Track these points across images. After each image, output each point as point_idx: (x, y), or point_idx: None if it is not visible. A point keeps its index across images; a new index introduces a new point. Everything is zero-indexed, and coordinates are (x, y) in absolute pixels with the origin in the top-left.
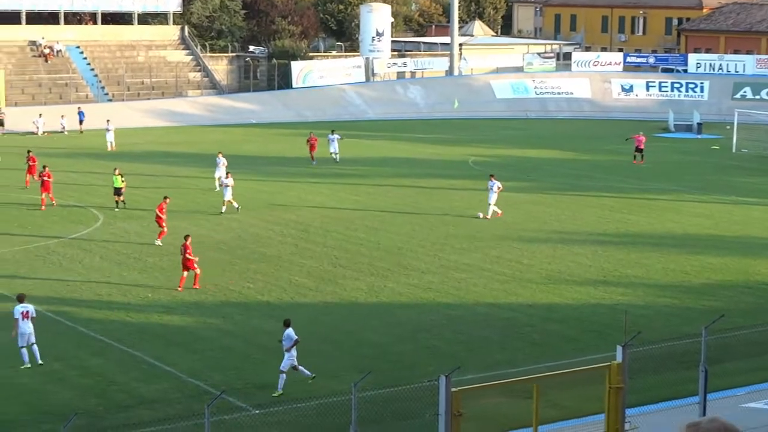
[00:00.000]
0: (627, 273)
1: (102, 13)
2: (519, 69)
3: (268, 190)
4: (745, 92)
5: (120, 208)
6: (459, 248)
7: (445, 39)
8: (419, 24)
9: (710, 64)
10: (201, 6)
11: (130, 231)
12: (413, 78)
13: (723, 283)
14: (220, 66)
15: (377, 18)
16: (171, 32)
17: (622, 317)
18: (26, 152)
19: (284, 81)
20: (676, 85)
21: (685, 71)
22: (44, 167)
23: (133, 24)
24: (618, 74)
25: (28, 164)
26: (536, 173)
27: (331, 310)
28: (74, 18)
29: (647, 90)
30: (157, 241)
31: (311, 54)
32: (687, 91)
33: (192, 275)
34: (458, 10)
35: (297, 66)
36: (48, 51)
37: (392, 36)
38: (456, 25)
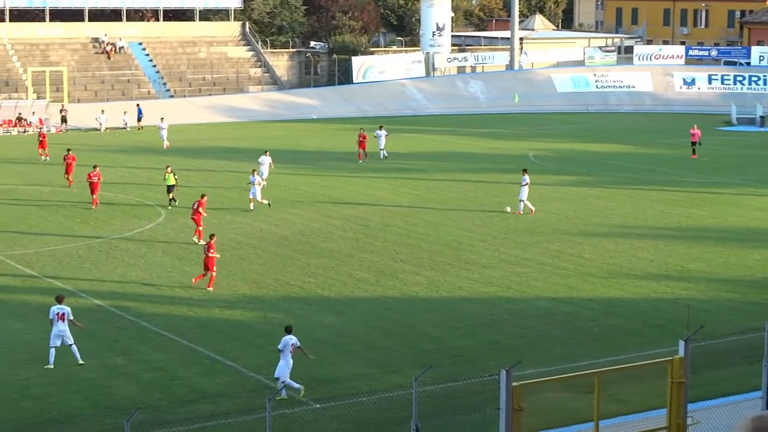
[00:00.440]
0: (689, 267)
1: (164, 10)
2: (580, 63)
3: (329, 185)
4: None
5: (172, 206)
6: (519, 243)
7: (506, 33)
8: (479, 18)
9: None
10: (262, 2)
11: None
12: (474, 72)
13: None
14: (281, 62)
15: (438, 13)
16: (232, 28)
17: (685, 312)
18: (66, 151)
19: (344, 76)
20: (739, 78)
21: (748, 64)
22: (94, 167)
23: (195, 20)
24: (680, 67)
25: (66, 163)
26: (597, 167)
27: (392, 305)
28: (136, 15)
29: (709, 83)
30: (200, 241)
31: (371, 49)
32: (750, 84)
33: (208, 276)
34: (519, 4)
35: (357, 61)
36: (110, 48)
37: (452, 31)
38: (516, 19)
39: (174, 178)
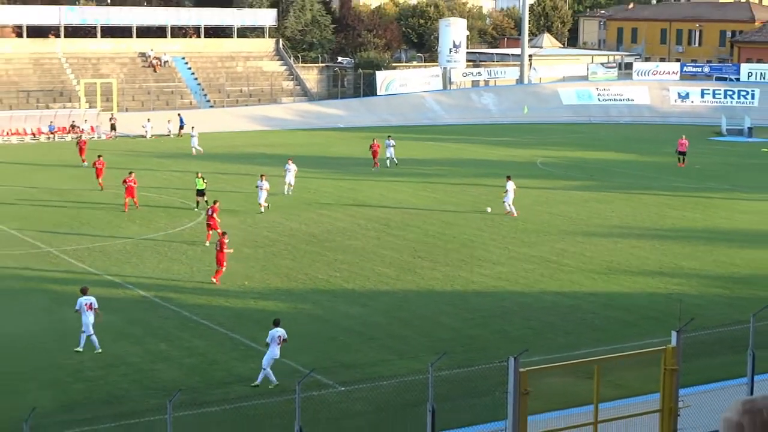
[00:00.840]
0: (682, 265)
1: (205, 27)
2: (584, 78)
3: (354, 188)
4: None
5: (200, 208)
6: (527, 241)
7: (516, 50)
8: (492, 36)
9: (761, 73)
10: (294, 21)
11: (228, 225)
12: (487, 86)
13: None
14: (311, 75)
15: (454, 31)
16: (267, 45)
17: (677, 305)
18: (97, 156)
19: (369, 89)
20: (729, 93)
21: (738, 80)
22: (130, 173)
23: (233, 37)
24: (675, 82)
25: (96, 168)
26: (599, 173)
27: (410, 297)
28: (180, 32)
29: (702, 97)
30: (207, 242)
31: (394, 64)
32: (739, 98)
33: (219, 270)
34: (528, 24)
35: (381, 75)
36: (156, 62)
37: (468, 48)
38: (526, 38)
39: (203, 182)
